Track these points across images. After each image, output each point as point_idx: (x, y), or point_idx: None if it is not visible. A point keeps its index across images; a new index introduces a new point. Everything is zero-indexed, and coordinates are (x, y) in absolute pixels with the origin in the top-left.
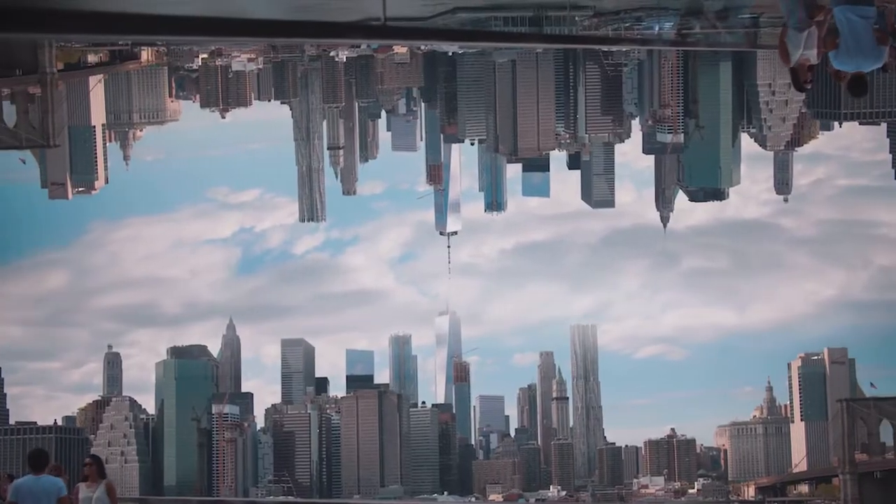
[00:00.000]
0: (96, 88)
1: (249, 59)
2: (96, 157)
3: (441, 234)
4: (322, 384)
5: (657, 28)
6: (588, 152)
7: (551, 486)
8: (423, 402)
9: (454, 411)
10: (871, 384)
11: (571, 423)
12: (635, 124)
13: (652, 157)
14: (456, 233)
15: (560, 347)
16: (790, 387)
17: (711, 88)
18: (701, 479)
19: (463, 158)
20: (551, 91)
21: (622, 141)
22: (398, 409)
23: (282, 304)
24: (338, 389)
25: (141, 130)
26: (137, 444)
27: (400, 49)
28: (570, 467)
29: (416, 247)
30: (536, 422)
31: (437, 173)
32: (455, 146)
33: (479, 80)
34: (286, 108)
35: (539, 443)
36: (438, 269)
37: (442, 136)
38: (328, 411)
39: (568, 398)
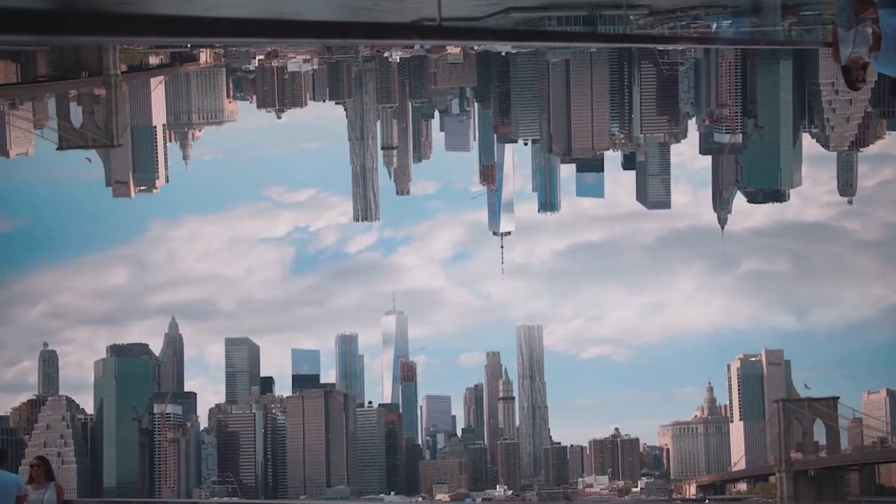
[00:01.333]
0: (157, 89)
1: (305, 61)
2: (157, 157)
3: (494, 234)
4: (267, 384)
5: (714, 26)
6: (643, 152)
7: (497, 486)
8: (370, 402)
9: (401, 411)
10: (806, 385)
11: (518, 423)
12: (692, 124)
13: (709, 158)
14: (509, 233)
15: (506, 347)
16: (729, 387)
17: (771, 87)
18: (644, 478)
19: (516, 158)
20: (605, 91)
21: (678, 141)
22: (344, 409)
23: (336, 303)
24: (283, 389)
25: (200, 130)
26: (75, 444)
27: (453, 49)
28: (517, 467)
29: (468, 247)
30: (483, 422)
31: (490, 173)
32: (508, 146)
33: (532, 80)
34: (340, 108)
35: (485, 442)
36: (491, 270)
37: (495, 136)
38: (273, 411)
39: (514, 398)
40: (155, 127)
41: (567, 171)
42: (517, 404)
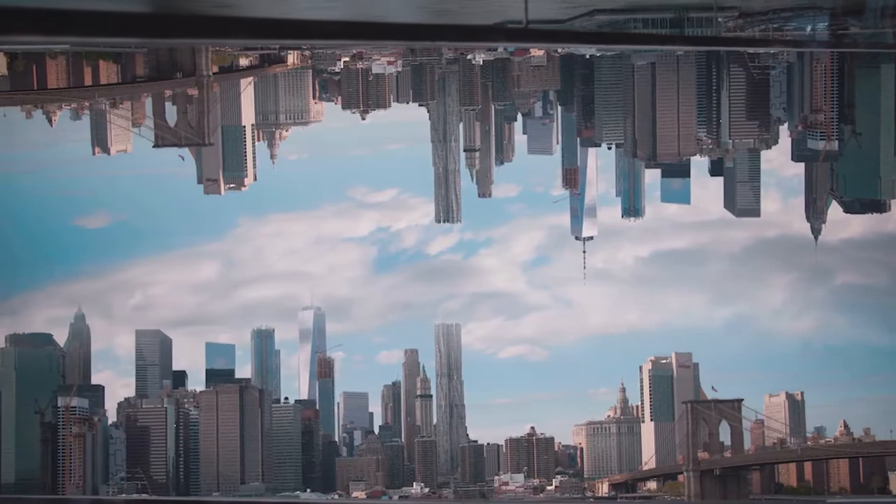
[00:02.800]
0: (247, 90)
1: (389, 63)
2: (246, 156)
3: (576, 238)
4: (180, 377)
5: (809, 28)
6: (731, 158)
7: (414, 483)
8: (286, 398)
9: (318, 407)
10: (713, 387)
11: (435, 421)
12: (783, 130)
13: (802, 165)
14: (592, 238)
15: (424, 345)
16: (641, 388)
17: (870, 92)
18: (558, 476)
19: (600, 162)
20: (692, 95)
21: (769, 147)
22: (260, 405)
23: (418, 302)
24: (197, 383)
25: (287, 130)
26: None
27: (537, 52)
28: (434, 464)
29: (549, 251)
30: (400, 419)
31: (573, 177)
32: (592, 150)
33: (617, 83)
34: (424, 110)
35: (403, 440)
36: (572, 274)
37: (578, 139)
38: (186, 406)
39: (432, 396)
40: (244, 126)
41: (652, 176)
42: (435, 402)
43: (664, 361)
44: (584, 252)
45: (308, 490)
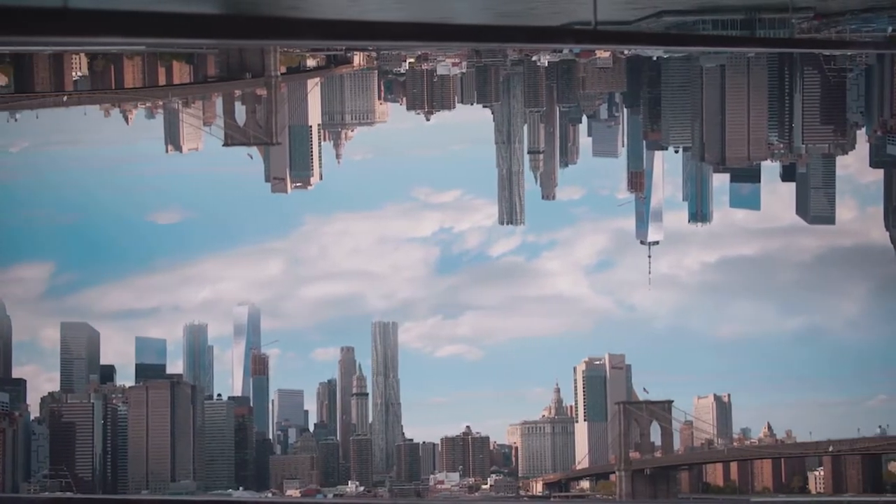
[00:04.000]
0: (313, 91)
1: (454, 64)
2: (312, 155)
3: (642, 243)
4: (108, 372)
5: (890, 30)
6: (805, 164)
7: (349, 482)
8: (219, 395)
9: (251, 405)
10: (644, 389)
11: (371, 419)
12: (861, 135)
13: (881, 171)
14: (657, 242)
15: (361, 343)
16: (575, 389)
17: None
18: (493, 476)
19: (666, 166)
20: (764, 98)
21: (845, 152)
22: (192, 401)
23: (476, 303)
24: (126, 379)
25: (352, 131)
26: None
27: (603, 53)
28: (369, 463)
29: (613, 254)
30: (336, 417)
31: (638, 181)
32: (658, 153)
33: (684, 86)
34: (488, 111)
35: (338, 438)
36: (637, 279)
37: (645, 142)
38: (114, 402)
39: (368, 394)
40: (310, 126)
41: (720, 181)
42: (371, 401)
43: (598, 363)
44: (650, 257)
45: (241, 488)
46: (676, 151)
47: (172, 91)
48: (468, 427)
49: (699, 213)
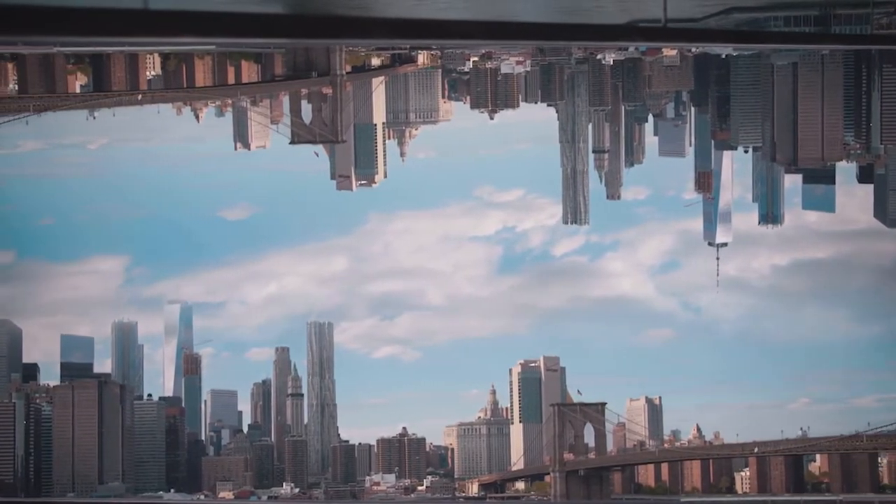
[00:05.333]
0: (378, 89)
1: (518, 63)
2: (377, 153)
3: (709, 244)
4: (31, 371)
5: None
6: (883, 164)
7: (284, 484)
8: (150, 395)
9: (183, 405)
10: (578, 391)
11: (306, 420)
12: None
13: None
14: (725, 244)
15: (296, 343)
16: (511, 391)
17: None
18: (429, 477)
19: (735, 166)
20: (839, 96)
21: None
22: (121, 402)
23: (542, 305)
24: (50, 377)
25: (416, 129)
26: None
27: (669, 51)
28: (304, 464)
29: (679, 256)
30: (270, 418)
31: (706, 181)
32: (727, 153)
33: (755, 84)
34: (552, 110)
35: (272, 439)
36: (703, 281)
37: (713, 142)
38: (38, 401)
39: (303, 395)
40: (375, 125)
41: (792, 182)
42: (306, 401)
43: (533, 365)
44: (718, 259)
45: (172, 490)
46: (746, 151)
47: (241, 90)
48: (404, 428)
49: (770, 214)
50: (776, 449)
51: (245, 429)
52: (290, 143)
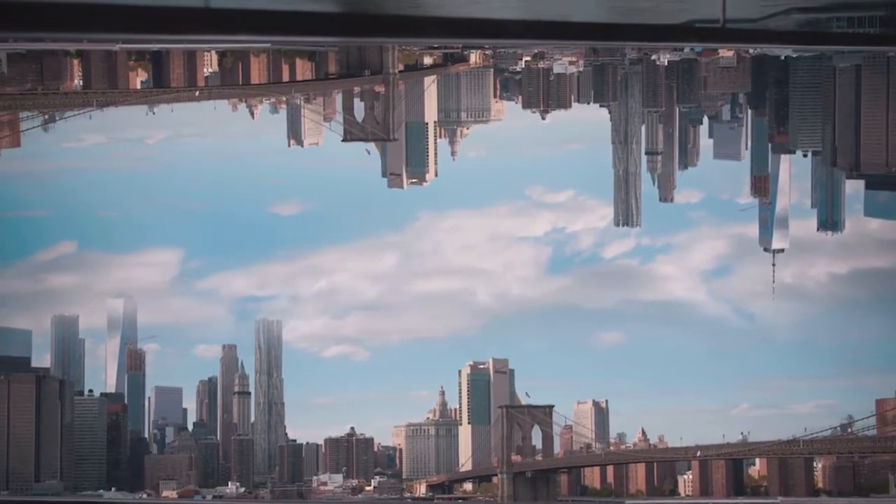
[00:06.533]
0: (430, 88)
1: (570, 62)
2: (428, 152)
3: (765, 250)
4: None
5: None
6: None
7: (230, 483)
8: (91, 391)
9: (126, 402)
10: (527, 393)
11: (253, 419)
12: None
13: None
14: (782, 250)
15: (244, 341)
16: (460, 392)
17: None
18: (377, 477)
19: (793, 170)
20: None
21: None
22: (60, 397)
23: (590, 307)
24: None
25: (467, 128)
26: None
27: (726, 52)
28: (250, 463)
29: (733, 261)
30: (216, 416)
31: (762, 185)
32: (785, 157)
33: (815, 86)
34: (605, 110)
35: (218, 438)
36: (758, 288)
37: (770, 145)
38: None
39: (250, 393)
40: (427, 123)
41: (853, 188)
42: (253, 400)
43: (482, 366)
44: (774, 265)
45: (113, 489)
46: (805, 155)
47: (295, 87)
48: (352, 428)
49: (829, 220)
50: (718, 453)
51: (190, 427)
52: (343, 140)
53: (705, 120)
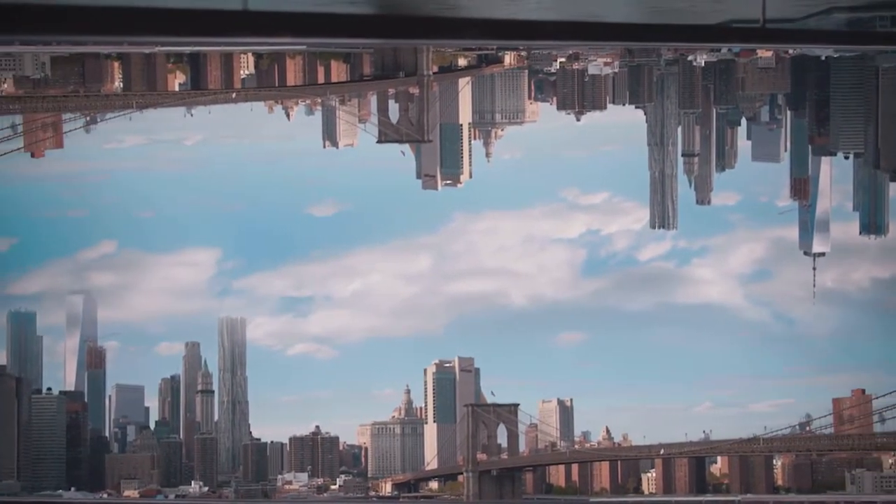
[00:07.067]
0: (464, 90)
1: (605, 63)
2: (462, 153)
3: (805, 254)
4: None
5: None
6: None
7: (193, 482)
8: (49, 389)
9: (86, 400)
10: (492, 392)
11: (216, 418)
12: None
13: None
14: (823, 254)
15: (207, 338)
16: (425, 391)
17: None
18: (342, 476)
19: (834, 173)
20: None
21: None
22: (17, 395)
23: (627, 309)
24: None
25: (502, 130)
26: None
27: (764, 53)
28: (214, 462)
29: (771, 265)
30: (179, 415)
31: (802, 187)
32: (825, 159)
33: (857, 87)
34: (640, 112)
35: (181, 437)
36: (798, 292)
37: (810, 147)
38: None
39: (214, 392)
40: (461, 125)
41: None
42: (217, 398)
43: (448, 365)
44: (814, 269)
45: (73, 489)
46: (846, 157)
47: (330, 89)
48: (317, 427)
49: (872, 224)
50: (680, 451)
51: (152, 425)
52: (378, 141)
53: (743, 121)
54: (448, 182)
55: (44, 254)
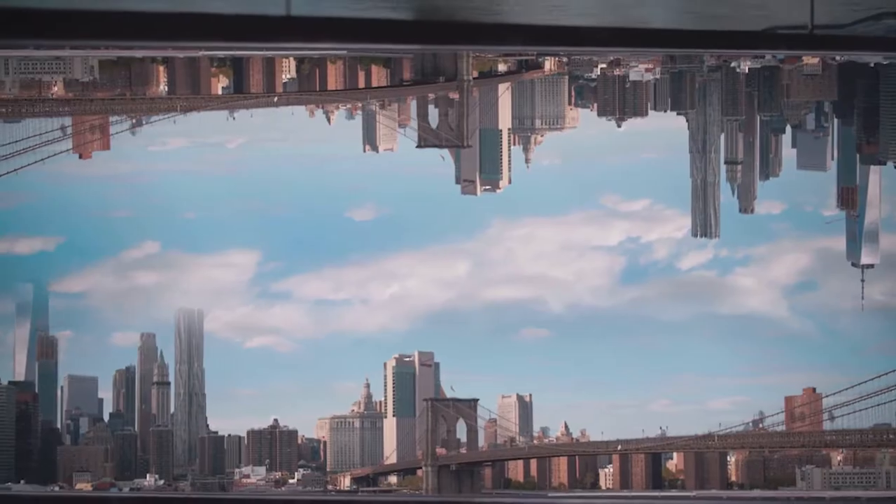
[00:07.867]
0: (504, 95)
1: (647, 70)
2: (501, 159)
3: (853, 265)
4: None
5: None
6: None
7: (148, 475)
8: None
9: (37, 391)
10: (451, 387)
11: (173, 410)
12: None
13: None
14: (872, 266)
15: (163, 329)
16: (385, 385)
17: None
18: (301, 470)
19: (884, 182)
20: None
21: None
22: None
23: (662, 319)
24: None
25: (542, 136)
26: None
27: (810, 59)
28: (170, 455)
29: (817, 276)
30: (134, 406)
31: (850, 197)
32: (874, 168)
33: None
34: (682, 119)
35: (136, 429)
36: (846, 305)
37: (858, 155)
38: None
39: (170, 383)
40: (501, 130)
41: None
42: (173, 390)
43: (407, 359)
44: (863, 281)
45: (23, 481)
46: None
47: (371, 93)
48: (276, 420)
49: None
50: (637, 447)
51: (106, 417)
52: (417, 146)
53: (788, 129)
54: (487, 187)
55: (91, 253)
